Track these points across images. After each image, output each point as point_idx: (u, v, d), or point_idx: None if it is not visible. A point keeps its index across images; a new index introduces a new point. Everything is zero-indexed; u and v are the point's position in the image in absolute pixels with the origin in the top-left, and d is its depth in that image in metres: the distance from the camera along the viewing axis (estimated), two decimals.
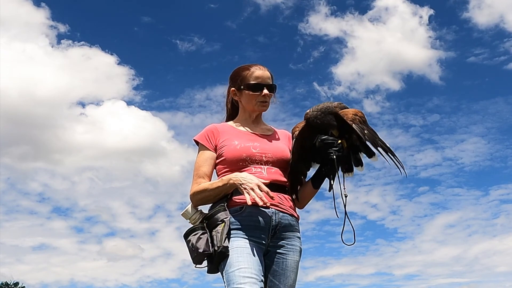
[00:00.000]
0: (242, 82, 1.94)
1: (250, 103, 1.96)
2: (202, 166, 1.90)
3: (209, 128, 1.97)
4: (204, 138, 1.94)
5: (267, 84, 1.95)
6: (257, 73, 1.94)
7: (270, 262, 1.81)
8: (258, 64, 1.98)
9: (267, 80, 1.95)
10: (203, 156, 1.92)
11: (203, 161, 1.91)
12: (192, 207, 1.85)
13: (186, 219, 1.84)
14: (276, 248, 1.83)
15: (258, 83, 1.93)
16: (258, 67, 1.96)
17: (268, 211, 1.80)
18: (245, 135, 1.94)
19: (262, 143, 1.91)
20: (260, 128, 2.01)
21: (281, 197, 1.86)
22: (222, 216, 1.75)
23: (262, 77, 1.94)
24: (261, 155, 1.86)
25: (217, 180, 1.85)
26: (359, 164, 1.96)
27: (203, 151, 1.93)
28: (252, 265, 1.68)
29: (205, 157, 1.92)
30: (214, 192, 1.82)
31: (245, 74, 1.94)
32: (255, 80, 1.93)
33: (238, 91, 1.97)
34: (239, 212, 1.78)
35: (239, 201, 1.79)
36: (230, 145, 1.87)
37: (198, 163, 1.92)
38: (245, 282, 1.63)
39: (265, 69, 1.97)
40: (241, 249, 1.71)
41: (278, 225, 1.81)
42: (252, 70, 1.95)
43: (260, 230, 1.78)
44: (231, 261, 1.68)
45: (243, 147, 1.87)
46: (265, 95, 1.93)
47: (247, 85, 1.93)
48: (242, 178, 1.74)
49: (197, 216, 1.82)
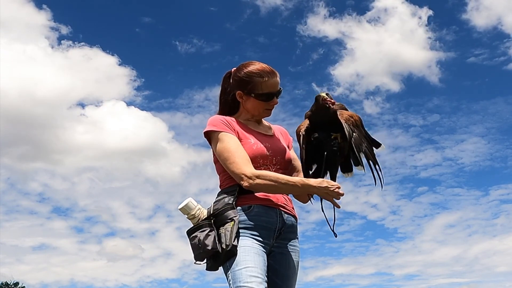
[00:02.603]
0: (253, 89, 1.84)
1: (256, 110, 1.90)
2: (241, 150, 1.76)
3: (221, 117, 1.85)
4: (224, 125, 1.81)
5: (278, 92, 1.88)
6: (270, 82, 1.84)
7: (273, 262, 1.81)
8: (266, 65, 1.88)
9: (277, 88, 1.88)
10: (234, 140, 1.78)
11: (238, 145, 1.77)
12: (192, 203, 1.78)
13: (184, 214, 1.78)
14: (279, 248, 1.83)
15: (270, 92, 1.86)
16: (270, 73, 1.85)
17: (274, 212, 1.80)
18: (256, 134, 1.89)
19: (272, 145, 1.88)
20: (263, 126, 1.98)
21: (286, 198, 1.88)
22: (231, 214, 1.73)
23: (274, 86, 1.86)
24: (272, 157, 1.84)
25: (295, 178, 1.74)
26: (359, 163, 1.92)
27: (231, 136, 1.79)
28: (258, 265, 1.68)
29: (237, 142, 1.78)
30: (288, 188, 1.74)
31: (258, 82, 1.83)
32: (267, 89, 1.85)
33: (246, 96, 1.87)
34: (247, 211, 1.76)
35: (247, 200, 1.78)
36: (246, 143, 1.82)
37: (233, 146, 1.76)
38: (252, 281, 1.63)
39: (276, 75, 1.87)
40: (248, 248, 1.70)
41: (283, 226, 1.82)
42: (265, 78, 1.84)
43: (266, 230, 1.77)
44: (238, 260, 1.67)
45: (259, 147, 1.82)
46: (274, 103, 1.90)
47: (258, 95, 1.85)
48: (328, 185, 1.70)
49: (197, 212, 1.78)
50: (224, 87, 1.96)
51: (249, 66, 1.87)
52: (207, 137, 1.86)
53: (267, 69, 1.86)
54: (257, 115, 1.93)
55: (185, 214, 1.79)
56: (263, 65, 1.87)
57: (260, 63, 1.87)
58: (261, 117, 1.95)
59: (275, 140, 1.94)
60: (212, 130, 1.82)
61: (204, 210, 1.80)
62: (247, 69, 1.86)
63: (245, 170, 1.71)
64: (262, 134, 1.92)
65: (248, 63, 1.88)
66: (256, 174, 1.71)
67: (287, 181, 1.71)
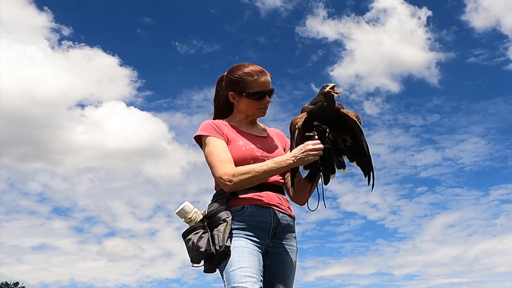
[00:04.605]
0: (244, 89, 1.87)
1: (249, 109, 1.92)
2: (224, 152, 1.79)
3: (210, 122, 1.89)
4: (213, 130, 1.85)
5: (269, 91, 1.89)
6: (260, 81, 1.86)
7: (269, 262, 1.81)
8: (256, 65, 1.91)
9: (268, 86, 1.89)
10: (219, 143, 1.81)
11: (222, 147, 1.80)
12: (188, 206, 1.79)
13: (181, 217, 1.80)
14: (275, 248, 1.83)
15: (261, 91, 1.87)
16: (260, 72, 1.88)
17: (268, 212, 1.80)
18: (247, 136, 1.90)
19: (264, 146, 1.89)
20: (256, 128, 1.98)
21: (280, 198, 1.87)
22: (224, 215, 1.74)
23: (264, 85, 1.88)
24: (263, 157, 1.84)
25: (266, 162, 1.75)
26: (342, 166, 1.93)
27: (217, 140, 1.82)
28: (252, 265, 1.69)
29: (222, 145, 1.81)
30: (266, 173, 1.73)
31: (248, 81, 1.86)
32: (258, 88, 1.87)
33: (238, 96, 1.90)
34: (240, 212, 1.77)
35: (239, 201, 1.79)
36: (235, 145, 1.84)
37: (216, 149, 1.79)
38: (245, 281, 1.63)
39: (267, 74, 1.89)
40: (242, 249, 1.71)
41: (278, 225, 1.82)
42: (255, 77, 1.86)
43: (260, 230, 1.78)
44: (232, 261, 1.68)
45: (248, 149, 1.84)
46: (266, 102, 1.91)
47: (249, 94, 1.87)
48: (302, 149, 1.71)
49: (194, 215, 1.79)
50: (217, 90, 2.00)
51: (239, 67, 1.90)
52: (198, 141, 1.90)
53: (257, 69, 1.88)
54: (251, 115, 1.94)
55: (182, 217, 1.80)
56: (253, 65, 1.89)
57: (250, 64, 1.90)
58: (255, 117, 1.96)
59: (268, 142, 1.95)
60: (201, 135, 1.86)
61: (200, 213, 1.81)
62: (237, 70, 1.90)
63: (222, 173, 1.73)
64: (255, 136, 1.93)
65: (238, 65, 1.92)
66: (231, 173, 1.72)
67: (260, 167, 1.72)
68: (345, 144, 1.91)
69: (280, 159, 1.73)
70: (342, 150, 1.92)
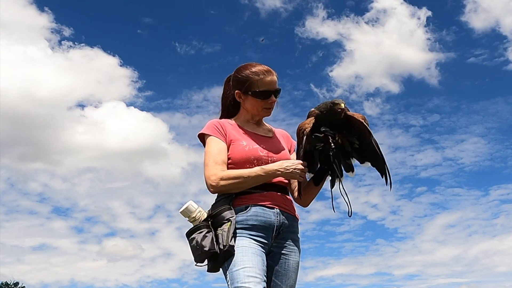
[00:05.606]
0: (250, 88, 1.88)
1: (255, 108, 1.93)
2: (220, 154, 1.81)
3: (215, 122, 1.91)
4: (215, 130, 1.87)
5: (275, 90, 1.90)
6: (266, 80, 1.88)
7: (272, 262, 1.82)
8: (264, 65, 1.92)
9: (274, 86, 1.90)
10: (218, 145, 1.84)
11: (220, 149, 1.83)
12: (193, 205, 1.80)
13: (185, 217, 1.80)
14: (278, 248, 1.84)
15: (267, 90, 1.88)
16: (266, 71, 1.89)
17: (272, 212, 1.81)
18: (251, 136, 1.91)
19: (268, 146, 1.90)
20: (262, 129, 1.99)
21: (284, 198, 1.88)
22: (228, 215, 1.74)
23: (271, 84, 1.89)
24: (267, 158, 1.85)
25: (255, 169, 1.78)
26: (350, 169, 1.96)
27: (217, 141, 1.85)
28: (256, 265, 1.69)
29: (220, 147, 1.84)
30: (253, 179, 1.77)
31: (254, 80, 1.87)
32: (264, 87, 1.88)
33: (244, 95, 1.91)
34: (244, 212, 1.77)
35: (244, 201, 1.79)
36: (238, 145, 1.85)
37: (213, 150, 1.82)
38: (249, 281, 1.64)
39: (273, 74, 1.91)
40: (246, 249, 1.71)
41: (282, 225, 1.82)
42: (261, 76, 1.88)
43: (264, 230, 1.78)
44: (236, 260, 1.68)
45: (251, 149, 1.85)
46: (272, 102, 1.92)
47: (255, 92, 1.88)
48: (288, 165, 1.77)
49: (197, 215, 1.79)
50: (225, 90, 2.02)
51: (246, 66, 1.93)
52: (201, 139, 1.93)
53: (263, 68, 1.90)
54: (257, 115, 1.95)
55: (186, 217, 1.81)
56: (260, 65, 1.91)
57: (257, 64, 1.92)
58: (260, 117, 1.97)
59: (273, 142, 1.95)
60: (203, 133, 1.90)
61: (204, 212, 1.81)
62: (244, 69, 1.92)
63: (212, 173, 1.77)
64: (260, 136, 1.93)
65: (246, 64, 1.94)
66: (219, 176, 1.76)
67: (249, 174, 1.77)
68: (353, 147, 1.92)
69: (270, 168, 1.78)
70: (350, 153, 1.93)
